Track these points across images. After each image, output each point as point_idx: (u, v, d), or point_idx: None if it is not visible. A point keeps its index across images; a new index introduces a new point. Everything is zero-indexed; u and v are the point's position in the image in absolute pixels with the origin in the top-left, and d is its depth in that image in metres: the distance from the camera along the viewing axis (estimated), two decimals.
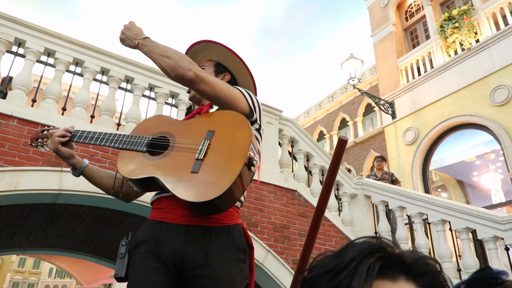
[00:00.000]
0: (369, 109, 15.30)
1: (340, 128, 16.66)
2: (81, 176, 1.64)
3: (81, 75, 4.37)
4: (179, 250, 1.29)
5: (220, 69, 1.72)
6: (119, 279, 1.32)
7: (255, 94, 1.73)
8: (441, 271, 0.49)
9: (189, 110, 4.62)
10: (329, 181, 0.60)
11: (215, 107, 1.58)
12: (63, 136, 1.57)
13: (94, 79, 4.44)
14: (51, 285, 40.78)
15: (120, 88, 4.58)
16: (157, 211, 1.40)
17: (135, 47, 1.48)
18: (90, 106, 4.43)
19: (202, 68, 1.65)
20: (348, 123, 15.98)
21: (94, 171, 1.63)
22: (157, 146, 1.43)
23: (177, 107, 4.85)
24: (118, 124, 4.49)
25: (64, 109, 4.11)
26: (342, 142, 0.58)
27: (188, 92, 1.74)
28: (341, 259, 0.47)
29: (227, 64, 1.73)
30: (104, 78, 4.52)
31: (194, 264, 1.27)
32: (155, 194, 1.47)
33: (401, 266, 0.47)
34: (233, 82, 1.72)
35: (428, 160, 8.89)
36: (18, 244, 5.93)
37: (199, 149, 1.35)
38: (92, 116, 4.28)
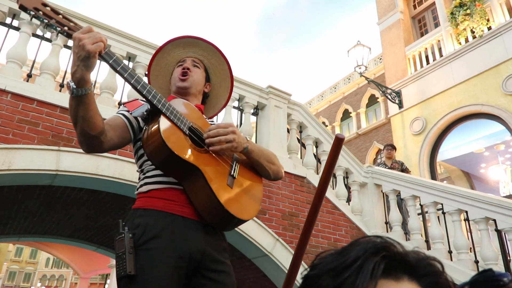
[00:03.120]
0: (372, 100, 15.05)
1: (342, 119, 16.41)
2: (80, 157, 1.44)
3: None
4: (201, 247, 1.28)
5: (207, 78, 1.72)
6: (124, 278, 1.18)
7: (216, 115, 1.83)
8: (444, 271, 0.48)
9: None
10: (323, 181, 0.55)
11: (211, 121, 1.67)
12: (104, 45, 1.22)
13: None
14: (48, 275, 40.69)
15: None
16: (167, 202, 1.31)
17: (242, 150, 1.45)
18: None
19: (195, 65, 1.66)
20: (351, 114, 15.74)
21: (94, 100, 1.28)
22: (194, 135, 1.38)
23: None
24: (120, 104, 4.23)
25: (62, 85, 3.84)
26: (338, 141, 0.54)
27: (183, 80, 1.60)
28: (345, 257, 0.47)
29: (212, 77, 1.74)
30: None
31: (212, 260, 1.29)
32: (157, 183, 1.35)
33: (405, 266, 0.47)
34: (206, 94, 1.72)
35: (436, 150, 8.67)
36: (13, 231, 5.70)
37: (232, 166, 1.42)
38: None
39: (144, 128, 1.38)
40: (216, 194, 1.26)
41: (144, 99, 1.37)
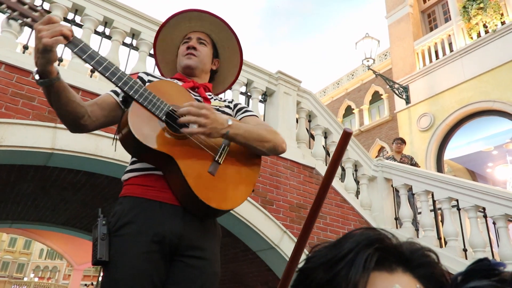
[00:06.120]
0: (376, 97, 14.83)
1: (345, 116, 16.19)
2: (78, 135, 1.40)
3: (80, 25, 3.84)
4: (178, 231, 1.23)
5: (215, 54, 1.65)
6: (99, 263, 1.19)
7: (225, 91, 1.78)
8: (439, 262, 0.48)
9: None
10: (329, 175, 0.51)
11: (215, 101, 1.53)
12: (66, 37, 1.17)
13: (96, 32, 3.90)
14: (41, 266, 40.44)
15: (124, 44, 4.06)
16: (144, 188, 1.28)
17: (223, 136, 1.30)
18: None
19: (202, 42, 1.59)
20: (353, 111, 15.51)
21: (65, 88, 1.23)
22: (174, 120, 1.31)
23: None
24: None
25: (60, 59, 3.58)
26: (346, 135, 0.50)
27: (189, 59, 1.54)
28: (338, 250, 0.47)
29: (221, 51, 1.67)
30: (107, 31, 3.98)
31: (191, 246, 1.25)
32: (136, 170, 1.33)
33: (398, 257, 0.47)
34: (214, 71, 1.67)
35: (443, 148, 8.45)
36: (5, 216, 5.45)
37: (219, 151, 1.33)
38: (93, 71, 3.76)
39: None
40: (190, 185, 1.21)
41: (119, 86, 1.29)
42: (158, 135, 1.25)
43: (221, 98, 1.61)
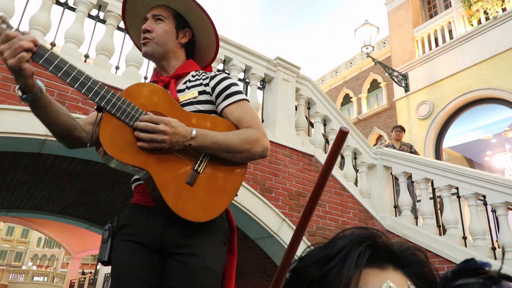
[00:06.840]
0: (374, 85, 14.73)
1: (343, 104, 16.10)
2: None
3: (73, 9, 3.69)
4: (159, 232, 1.27)
5: (180, 24, 1.49)
6: (103, 263, 1.33)
7: (215, 58, 1.60)
8: (428, 261, 0.50)
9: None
10: (324, 173, 0.50)
11: (187, 93, 1.40)
12: (29, 50, 1.10)
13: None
14: (39, 255, 40.54)
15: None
16: (139, 195, 1.36)
17: (185, 148, 1.26)
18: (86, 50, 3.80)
19: (158, 18, 1.44)
20: (351, 99, 15.43)
21: (51, 101, 1.24)
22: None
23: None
24: (117, 68, 3.87)
25: (53, 44, 3.48)
26: (342, 134, 0.50)
27: (144, 45, 1.44)
28: (331, 248, 0.47)
29: (188, 18, 1.50)
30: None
31: (176, 244, 1.26)
32: (136, 180, 1.39)
33: (390, 255, 0.48)
34: (191, 41, 1.52)
35: (442, 136, 8.41)
36: (1, 205, 5.38)
37: (199, 160, 1.28)
38: (87, 56, 3.66)
39: None
40: (165, 198, 1.19)
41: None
42: (131, 146, 1.20)
43: (196, 81, 1.44)
